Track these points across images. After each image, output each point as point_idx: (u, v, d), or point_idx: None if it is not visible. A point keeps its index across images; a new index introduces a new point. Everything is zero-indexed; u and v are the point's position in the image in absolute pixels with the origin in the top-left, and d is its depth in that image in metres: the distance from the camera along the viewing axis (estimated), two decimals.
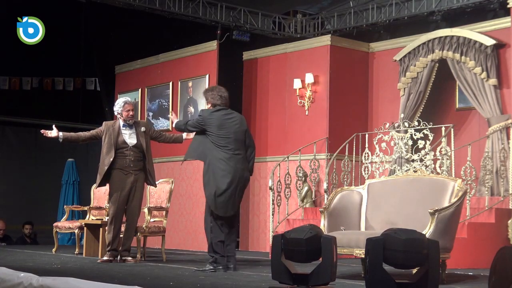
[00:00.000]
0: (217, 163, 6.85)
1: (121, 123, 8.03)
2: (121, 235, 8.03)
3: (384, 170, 9.69)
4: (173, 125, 7.56)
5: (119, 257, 7.97)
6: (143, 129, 8.06)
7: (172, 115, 8.22)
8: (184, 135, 8.14)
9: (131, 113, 8.03)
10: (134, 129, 8.03)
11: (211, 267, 6.81)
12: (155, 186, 8.41)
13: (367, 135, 10.36)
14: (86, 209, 9.71)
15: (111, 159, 7.86)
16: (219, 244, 6.91)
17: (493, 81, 9.68)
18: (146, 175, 8.00)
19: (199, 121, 7.01)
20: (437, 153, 8.86)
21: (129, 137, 7.98)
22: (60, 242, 11.49)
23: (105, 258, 7.92)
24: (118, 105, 8.08)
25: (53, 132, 7.99)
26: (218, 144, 6.89)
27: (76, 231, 9.37)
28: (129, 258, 7.92)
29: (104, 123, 8.16)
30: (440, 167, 8.70)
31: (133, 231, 8.10)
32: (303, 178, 10.65)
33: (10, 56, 14.38)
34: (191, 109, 11.82)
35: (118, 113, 8.07)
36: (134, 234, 8.17)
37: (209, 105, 7.16)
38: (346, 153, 10.45)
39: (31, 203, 15.57)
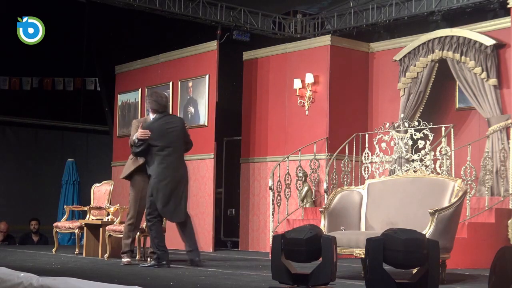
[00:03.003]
0: (158, 170, 7.32)
1: (152, 118, 7.83)
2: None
3: (384, 170, 9.69)
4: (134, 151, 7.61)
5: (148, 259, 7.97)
6: None
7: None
8: None
9: None
10: None
11: (154, 263, 7.28)
12: None
13: (367, 135, 10.36)
14: (86, 209, 9.71)
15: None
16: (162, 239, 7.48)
17: (493, 81, 9.68)
18: None
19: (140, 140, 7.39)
20: (437, 153, 8.86)
21: None
22: (60, 242, 11.49)
23: (127, 260, 7.77)
24: (147, 98, 7.96)
25: None
26: (158, 151, 7.33)
27: (76, 231, 9.37)
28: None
29: (134, 120, 8.04)
30: (440, 167, 8.70)
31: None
32: (303, 178, 10.64)
33: (10, 56, 14.39)
34: (191, 109, 11.82)
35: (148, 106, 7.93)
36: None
37: (150, 110, 7.58)
38: (346, 153, 10.44)
39: (31, 203, 15.58)
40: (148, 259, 7.89)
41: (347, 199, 6.75)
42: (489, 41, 9.73)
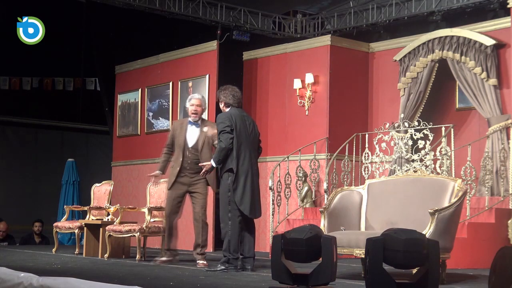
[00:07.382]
0: (236, 164, 6.90)
1: (189, 120, 7.76)
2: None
3: (384, 170, 9.69)
4: (213, 164, 7.04)
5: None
6: (205, 129, 7.73)
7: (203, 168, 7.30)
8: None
9: (193, 108, 7.68)
10: (198, 129, 7.74)
11: (223, 267, 6.83)
12: (214, 190, 8.20)
13: (367, 135, 10.36)
14: (86, 209, 9.71)
15: (181, 160, 7.65)
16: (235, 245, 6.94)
17: (493, 81, 9.68)
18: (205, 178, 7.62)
19: (228, 126, 6.91)
20: (437, 153, 8.86)
21: (190, 137, 7.72)
22: (60, 242, 11.48)
23: (164, 258, 7.79)
24: (187, 99, 7.83)
25: (157, 173, 7.84)
26: (237, 142, 6.93)
27: (76, 231, 9.37)
28: (200, 262, 7.67)
29: (173, 122, 7.99)
30: (440, 167, 8.70)
31: (206, 237, 7.90)
32: (303, 178, 10.65)
33: (10, 56, 14.41)
34: None
35: (186, 108, 7.82)
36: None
37: (222, 104, 7.19)
38: (346, 153, 10.44)
39: (31, 203, 15.59)
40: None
41: (347, 199, 6.76)
42: (489, 41, 9.73)
